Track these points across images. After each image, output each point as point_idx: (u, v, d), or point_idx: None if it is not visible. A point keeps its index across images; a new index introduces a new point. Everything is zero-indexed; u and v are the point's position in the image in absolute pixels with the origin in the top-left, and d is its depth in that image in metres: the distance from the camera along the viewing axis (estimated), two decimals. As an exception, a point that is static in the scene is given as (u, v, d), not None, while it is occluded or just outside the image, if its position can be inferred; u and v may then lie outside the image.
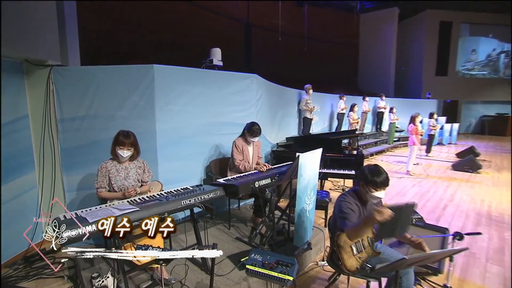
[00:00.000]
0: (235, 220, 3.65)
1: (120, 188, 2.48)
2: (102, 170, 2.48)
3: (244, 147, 3.39)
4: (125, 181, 2.50)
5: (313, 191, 2.94)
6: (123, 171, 2.52)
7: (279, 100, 5.72)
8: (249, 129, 3.32)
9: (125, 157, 2.46)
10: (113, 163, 2.52)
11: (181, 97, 3.41)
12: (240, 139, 3.41)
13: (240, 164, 3.32)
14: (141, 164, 2.63)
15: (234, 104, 3.97)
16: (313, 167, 2.87)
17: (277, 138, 5.49)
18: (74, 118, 3.06)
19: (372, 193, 1.99)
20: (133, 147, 2.50)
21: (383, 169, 2.02)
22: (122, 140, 2.43)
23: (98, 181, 2.47)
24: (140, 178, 2.60)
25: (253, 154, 3.48)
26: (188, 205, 2.12)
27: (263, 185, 2.74)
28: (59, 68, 3.02)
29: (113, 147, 2.47)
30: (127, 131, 2.50)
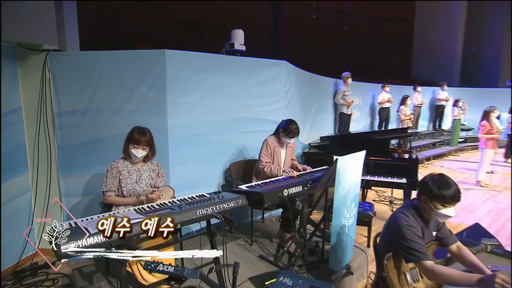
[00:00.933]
0: (258, 235, 3.66)
1: (129, 192, 2.55)
2: (112, 171, 2.54)
3: (276, 149, 3.39)
4: (136, 185, 2.57)
5: (354, 203, 2.88)
6: (135, 173, 2.59)
7: (312, 91, 5.68)
8: (285, 128, 3.30)
9: (139, 157, 2.53)
10: (125, 163, 2.59)
11: (197, 88, 3.46)
12: (273, 138, 3.41)
13: (266, 166, 3.32)
14: (155, 167, 2.70)
15: (259, 97, 3.98)
16: (354, 173, 2.81)
17: (309, 137, 5.46)
18: (73, 112, 3.18)
19: (439, 210, 1.92)
20: (149, 146, 2.56)
21: (451, 180, 1.94)
22: (137, 138, 2.49)
23: (107, 183, 2.53)
24: (153, 183, 2.67)
25: (285, 158, 3.47)
26: (204, 215, 2.14)
27: (293, 193, 2.72)
28: (56, 54, 3.15)
29: (126, 145, 2.54)
30: (143, 128, 2.56)
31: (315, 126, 5.88)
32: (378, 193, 5.61)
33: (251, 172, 3.58)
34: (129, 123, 2.65)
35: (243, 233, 3.66)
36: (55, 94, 3.16)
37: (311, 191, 2.96)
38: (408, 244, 1.88)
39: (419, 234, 1.93)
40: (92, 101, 3.17)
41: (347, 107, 6.86)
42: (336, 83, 7.01)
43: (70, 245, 1.66)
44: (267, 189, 2.64)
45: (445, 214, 1.92)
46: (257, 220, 4.13)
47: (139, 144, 2.50)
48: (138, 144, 2.49)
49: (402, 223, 1.93)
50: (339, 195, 2.64)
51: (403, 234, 1.91)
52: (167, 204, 2.28)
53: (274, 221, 4.15)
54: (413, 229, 1.91)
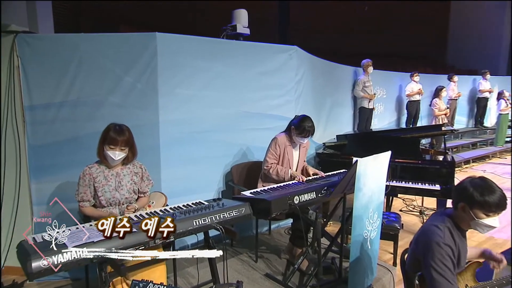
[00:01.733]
0: (264, 250, 3.65)
1: (109, 201, 2.54)
2: (84, 178, 2.53)
3: (288, 149, 3.38)
4: (116, 192, 2.56)
5: (377, 212, 2.87)
6: (113, 179, 2.58)
7: (327, 82, 5.68)
8: (298, 125, 3.29)
9: (116, 160, 2.51)
10: (100, 167, 2.58)
11: (193, 79, 3.46)
12: (283, 136, 3.40)
13: (271, 168, 3.32)
14: (138, 169, 2.68)
15: (266, 89, 3.98)
16: (377, 178, 2.79)
17: (323, 136, 5.46)
18: (47, 105, 3.19)
19: (481, 220, 1.90)
20: (128, 146, 2.54)
21: (494, 183, 1.92)
22: (113, 137, 2.47)
23: (80, 192, 2.53)
24: (137, 188, 2.66)
25: (298, 160, 3.47)
26: (202, 226, 2.14)
27: (306, 201, 2.72)
28: (27, 36, 3.15)
29: (101, 146, 2.52)
30: (120, 125, 2.54)
31: (331, 123, 5.88)
32: (406, 201, 5.58)
33: (255, 176, 3.58)
34: (114, 119, 2.64)
35: (246, 247, 3.65)
36: (25, 84, 3.18)
37: (327, 198, 2.94)
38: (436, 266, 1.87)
39: (453, 255, 1.91)
40: (70, 92, 3.18)
41: (368, 100, 6.84)
42: (355, 72, 6.99)
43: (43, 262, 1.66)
44: (274, 195, 2.64)
45: (488, 224, 1.90)
46: (263, 232, 4.11)
47: (116, 145, 2.47)
48: (114, 144, 2.47)
49: (435, 239, 1.90)
50: (359, 203, 2.62)
51: (433, 252, 1.89)
52: (158, 213, 2.28)
53: (283, 233, 4.14)
54: (447, 248, 1.89)
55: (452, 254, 1.90)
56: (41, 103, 3.19)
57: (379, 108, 7.56)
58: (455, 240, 1.95)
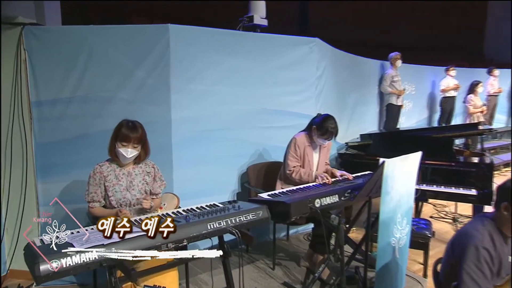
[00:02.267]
0: (282, 256, 3.66)
1: (119, 202, 2.58)
2: (95, 176, 2.58)
3: (307, 150, 3.38)
4: (127, 193, 2.60)
5: (406, 218, 2.84)
6: (124, 178, 2.62)
7: (351, 77, 5.65)
8: (320, 125, 3.27)
9: (128, 158, 2.56)
10: (111, 166, 2.63)
11: (207, 73, 3.50)
12: (303, 136, 3.40)
13: (294, 171, 3.32)
14: (151, 169, 2.72)
15: (284, 84, 3.99)
16: (406, 181, 2.77)
17: (346, 135, 5.43)
18: (55, 101, 3.25)
19: None
20: (141, 143, 2.59)
21: None
22: (126, 134, 2.51)
23: (90, 192, 2.58)
24: (149, 189, 2.70)
25: (319, 162, 3.46)
26: (216, 230, 2.15)
27: (328, 204, 2.71)
28: (34, 28, 3.22)
29: (112, 143, 2.57)
30: (133, 122, 2.59)
31: (354, 122, 5.85)
32: (437, 207, 5.49)
33: (273, 177, 3.58)
34: (124, 116, 2.68)
35: (263, 254, 3.67)
36: (32, 78, 3.25)
37: (350, 202, 2.93)
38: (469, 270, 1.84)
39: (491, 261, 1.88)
40: (79, 87, 3.24)
41: (396, 96, 6.76)
42: (382, 66, 6.93)
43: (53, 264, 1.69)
44: (294, 198, 2.64)
45: None
46: (281, 238, 4.12)
47: (128, 142, 2.51)
48: (127, 141, 2.51)
49: (473, 242, 1.88)
50: (386, 207, 2.60)
51: (469, 255, 1.86)
52: (171, 215, 2.30)
53: (302, 239, 4.14)
54: (485, 253, 1.86)
55: (490, 259, 1.87)
56: (49, 99, 3.25)
57: (407, 106, 7.46)
58: (496, 245, 1.92)
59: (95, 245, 1.79)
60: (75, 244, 1.80)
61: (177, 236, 2.01)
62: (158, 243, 1.93)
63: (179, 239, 2.02)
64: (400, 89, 6.76)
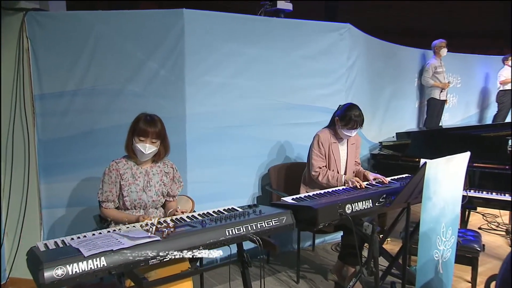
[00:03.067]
0: (307, 268, 3.64)
1: (134, 203, 2.62)
2: (111, 174, 2.61)
3: (333, 146, 3.36)
4: (143, 193, 2.64)
5: (452, 228, 2.79)
6: (142, 178, 2.66)
7: (387, 68, 5.59)
8: (343, 115, 3.27)
9: (147, 154, 2.59)
10: (128, 163, 2.66)
11: (226, 64, 3.52)
12: (327, 132, 3.39)
13: (320, 173, 3.30)
14: (169, 169, 2.76)
15: (311, 75, 3.97)
16: (452, 185, 2.73)
17: (380, 134, 5.40)
18: (60, 94, 3.31)
19: None
20: (160, 139, 2.62)
21: None
22: (144, 128, 2.55)
23: (105, 191, 2.61)
24: (166, 190, 2.73)
25: (347, 160, 3.44)
26: (235, 237, 2.15)
27: (360, 210, 2.67)
28: (37, 14, 3.26)
29: (130, 139, 2.61)
30: (152, 116, 2.63)
31: (390, 118, 5.79)
32: (487, 217, 5.38)
33: (298, 179, 3.57)
34: (135, 110, 2.71)
35: (286, 265, 3.66)
36: (35, 69, 3.30)
37: (386, 209, 2.90)
38: None
39: None
40: (85, 79, 3.29)
41: (440, 90, 6.64)
42: (424, 56, 6.83)
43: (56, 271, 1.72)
44: (322, 202, 2.61)
45: None
46: (306, 248, 4.11)
47: (146, 136, 2.55)
48: (145, 136, 2.55)
49: None
50: (428, 215, 2.57)
51: None
52: (185, 220, 2.32)
53: (330, 249, 4.12)
54: None
55: None
56: (52, 91, 3.31)
57: (451, 101, 7.32)
58: None
59: (104, 250, 1.80)
60: (82, 249, 1.82)
61: (193, 242, 2.03)
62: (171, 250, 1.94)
63: (195, 245, 2.03)
64: (444, 81, 6.64)
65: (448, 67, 6.83)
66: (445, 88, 6.68)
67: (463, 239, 3.42)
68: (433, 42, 6.71)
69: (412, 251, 3.09)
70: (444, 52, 6.65)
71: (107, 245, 1.88)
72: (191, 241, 2.03)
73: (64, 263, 1.72)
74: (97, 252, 1.81)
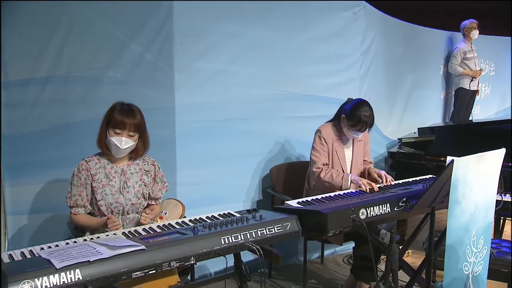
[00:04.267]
0: (315, 284, 3.65)
1: (111, 207, 2.60)
2: (80, 175, 2.59)
3: (336, 145, 3.36)
4: (120, 196, 2.62)
5: (484, 237, 2.79)
6: (117, 178, 2.64)
7: (408, 53, 5.61)
8: (350, 113, 3.26)
9: (123, 149, 2.56)
10: (100, 161, 2.65)
11: (221, 48, 3.52)
12: (329, 127, 3.40)
13: (322, 170, 3.29)
14: (150, 166, 2.74)
15: (320, 61, 3.98)
16: (484, 187, 2.71)
17: (399, 129, 5.43)
18: (27, 82, 3.27)
19: None
20: (139, 132, 2.61)
21: None
22: (120, 119, 2.52)
23: (73, 195, 2.59)
24: (147, 192, 2.71)
25: (352, 161, 3.45)
26: (232, 246, 2.14)
27: (376, 216, 2.66)
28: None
29: (103, 132, 2.58)
30: (130, 105, 2.62)
31: (410, 112, 5.83)
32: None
33: (304, 180, 3.58)
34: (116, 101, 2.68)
35: (290, 280, 3.67)
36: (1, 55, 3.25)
37: (406, 214, 2.89)
38: None
39: None
40: (57, 65, 3.27)
41: (470, 79, 6.64)
42: (451, 39, 6.85)
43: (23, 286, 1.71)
44: (332, 207, 2.59)
45: None
46: (314, 260, 4.12)
47: (123, 128, 2.52)
48: (122, 128, 2.52)
49: None
50: (456, 222, 2.55)
51: None
52: (175, 227, 2.31)
53: (341, 262, 4.13)
54: None
55: None
56: (19, 79, 3.27)
57: (483, 91, 7.31)
58: None
59: (79, 261, 1.79)
60: (54, 260, 1.81)
61: (183, 252, 2.02)
62: (158, 261, 1.93)
63: (185, 256, 2.02)
64: (475, 69, 6.63)
65: (480, 52, 6.82)
66: (476, 77, 6.67)
67: (497, 250, 3.42)
68: (462, 23, 6.70)
69: (437, 264, 3.08)
70: (475, 35, 6.64)
71: (83, 255, 1.86)
72: (181, 250, 2.02)
73: (32, 277, 1.70)
74: (71, 263, 1.79)
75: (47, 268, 1.74)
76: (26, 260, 1.87)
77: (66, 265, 1.77)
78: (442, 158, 3.88)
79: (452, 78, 6.80)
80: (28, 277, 1.69)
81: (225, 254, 2.14)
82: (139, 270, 1.89)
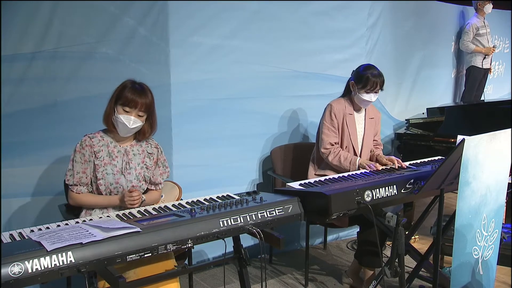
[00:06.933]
0: (317, 270, 3.67)
1: (109, 188, 2.60)
2: (83, 151, 2.58)
3: (348, 120, 3.37)
4: (121, 176, 2.62)
5: (495, 221, 2.80)
6: (120, 158, 2.64)
7: (416, 28, 5.59)
8: (359, 76, 3.29)
9: (130, 128, 2.56)
10: (103, 139, 2.64)
11: (219, 21, 3.50)
12: (341, 101, 3.42)
13: (331, 152, 3.30)
14: (153, 149, 2.76)
15: (324, 36, 3.97)
16: (496, 168, 2.72)
17: (406, 110, 5.44)
18: (13, 58, 3.21)
19: None
20: (148, 113, 2.62)
21: None
22: (132, 98, 2.52)
23: (76, 172, 2.58)
24: (149, 176, 2.72)
25: (364, 137, 3.46)
26: (231, 229, 2.15)
27: (381, 198, 2.67)
28: None
29: (111, 108, 2.58)
30: (141, 84, 2.62)
31: (418, 91, 5.83)
32: (534, 209, 5.39)
33: (306, 163, 3.59)
34: (107, 78, 2.73)
35: (292, 266, 3.69)
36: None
37: (413, 197, 2.91)
38: None
39: None
40: (46, 40, 3.23)
41: (482, 56, 6.61)
42: (463, 13, 6.82)
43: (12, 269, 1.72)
44: (335, 188, 2.61)
45: None
46: (316, 245, 4.15)
47: (134, 107, 2.53)
48: (132, 106, 2.53)
49: None
50: (466, 204, 2.56)
51: None
52: (171, 209, 2.33)
53: (345, 247, 4.16)
54: None
55: None
56: (4, 54, 3.19)
57: (497, 69, 7.29)
58: None
59: (72, 243, 1.80)
60: (44, 242, 1.83)
61: (180, 235, 2.03)
62: (154, 243, 1.95)
63: (182, 238, 2.04)
64: (488, 46, 6.60)
65: (493, 28, 6.78)
66: (489, 54, 6.64)
67: (508, 235, 3.44)
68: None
69: (445, 249, 3.10)
70: (488, 9, 6.59)
71: (75, 238, 1.88)
72: (178, 233, 2.03)
73: (21, 259, 1.71)
74: (62, 245, 1.80)
75: (37, 250, 1.76)
76: (16, 242, 1.88)
77: (57, 247, 1.78)
78: (452, 139, 3.89)
79: (463, 55, 6.77)
80: (17, 260, 1.70)
81: (224, 237, 2.16)
82: (134, 253, 1.90)
